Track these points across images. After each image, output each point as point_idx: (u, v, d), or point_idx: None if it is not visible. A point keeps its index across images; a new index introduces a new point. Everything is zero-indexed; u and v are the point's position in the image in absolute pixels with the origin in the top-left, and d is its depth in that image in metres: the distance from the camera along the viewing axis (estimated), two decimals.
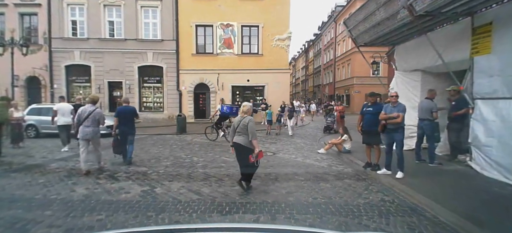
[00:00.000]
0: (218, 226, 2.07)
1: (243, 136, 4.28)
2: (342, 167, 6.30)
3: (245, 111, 4.44)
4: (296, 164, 6.45)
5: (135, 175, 5.33)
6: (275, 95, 17.21)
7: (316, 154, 7.75)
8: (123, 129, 6.16)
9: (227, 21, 17.30)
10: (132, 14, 16.80)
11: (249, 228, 1.51)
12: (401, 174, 5.19)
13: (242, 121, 4.32)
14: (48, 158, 6.92)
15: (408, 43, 8.15)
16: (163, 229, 1.55)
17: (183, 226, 2.00)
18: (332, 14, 38.81)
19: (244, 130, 4.25)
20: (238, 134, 4.35)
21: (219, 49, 17.44)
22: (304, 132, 13.52)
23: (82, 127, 5.36)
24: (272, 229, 1.39)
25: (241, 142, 4.28)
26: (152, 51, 17.13)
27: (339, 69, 35.78)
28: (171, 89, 17.42)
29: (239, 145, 4.30)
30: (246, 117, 4.36)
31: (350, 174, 5.68)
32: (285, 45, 17.50)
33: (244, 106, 4.53)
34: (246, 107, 4.50)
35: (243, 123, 4.30)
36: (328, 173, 5.68)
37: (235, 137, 4.38)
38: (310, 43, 54.16)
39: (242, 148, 4.29)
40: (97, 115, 5.48)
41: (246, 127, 4.24)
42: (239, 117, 4.48)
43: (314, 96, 47.76)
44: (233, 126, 4.53)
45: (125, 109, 6.39)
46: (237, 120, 4.45)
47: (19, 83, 16.07)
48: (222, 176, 5.31)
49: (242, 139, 4.29)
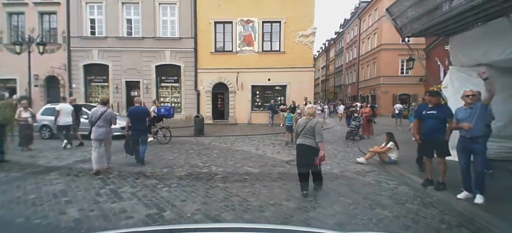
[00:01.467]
0: (218, 226, 2.04)
1: (309, 138, 4.25)
2: (394, 184, 5.07)
3: (310, 113, 4.41)
4: (335, 179, 5.30)
5: (142, 190, 4.42)
6: (297, 95, 15.98)
7: (354, 164, 6.55)
8: (135, 129, 6.18)
9: (247, 17, 16.34)
10: (150, 11, 16.27)
11: (249, 228, 1.47)
12: (481, 199, 3.92)
13: (309, 123, 4.29)
14: (51, 164, 6.23)
15: (469, 33, 6.72)
16: (163, 229, 1.54)
17: (183, 226, 1.90)
18: (356, 11, 36.90)
19: (310, 132, 4.23)
20: (303, 136, 4.29)
21: (239, 46, 16.51)
22: (331, 137, 12.05)
23: (94, 128, 5.44)
24: (272, 229, 1.38)
25: (308, 144, 4.23)
26: (169, 50, 16.50)
27: (363, 68, 33.85)
28: (189, 89, 16.71)
29: (306, 146, 4.24)
30: (313, 119, 4.35)
31: (409, 195, 4.45)
32: (309, 41, 16.26)
33: (309, 108, 4.52)
34: (312, 109, 4.50)
35: (309, 125, 4.26)
36: (379, 193, 4.49)
37: (300, 139, 4.33)
38: (331, 42, 52.27)
39: (308, 149, 4.24)
40: (108, 115, 5.55)
41: (313, 129, 4.22)
42: (305, 119, 4.42)
43: (335, 97, 45.85)
44: (297, 128, 4.49)
45: (137, 110, 6.30)
46: (302, 122, 4.40)
47: (38, 83, 16.03)
48: (247, 195, 4.28)
49: (308, 141, 4.24)
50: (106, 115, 5.49)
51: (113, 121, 5.67)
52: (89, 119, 5.61)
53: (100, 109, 5.53)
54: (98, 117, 5.43)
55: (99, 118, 5.42)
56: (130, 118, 6.21)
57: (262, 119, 16.18)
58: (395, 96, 28.15)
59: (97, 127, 5.41)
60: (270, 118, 15.46)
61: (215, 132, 12.63)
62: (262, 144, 9.49)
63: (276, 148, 8.64)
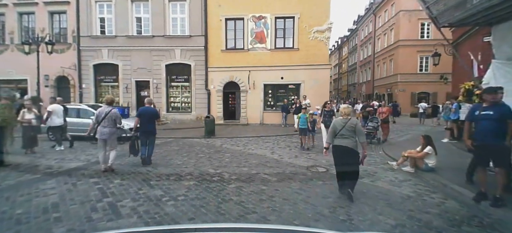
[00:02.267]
0: (218, 226, 2.01)
1: (349, 138, 4.06)
2: (439, 197, 4.28)
3: (347, 113, 4.19)
4: (368, 190, 4.55)
5: (145, 204, 3.82)
6: (312, 93, 15.20)
7: (383, 171, 5.76)
8: (144, 130, 6.11)
9: (259, 13, 15.66)
10: (159, 9, 15.85)
11: (249, 228, 1.47)
12: None
13: (348, 123, 4.09)
14: (51, 169, 5.75)
15: None
16: (163, 229, 1.52)
17: (183, 226, 1.82)
18: (371, 6, 35.57)
19: (350, 132, 4.06)
20: (342, 136, 4.09)
21: (251, 44, 15.84)
22: None
23: (99, 128, 5.48)
24: (272, 229, 1.37)
25: (348, 145, 4.03)
26: (179, 48, 16.03)
27: (379, 65, 32.54)
28: (200, 89, 16.19)
29: (346, 148, 4.03)
30: (352, 119, 4.16)
31: (462, 213, 3.68)
32: (325, 37, 15.42)
33: (345, 108, 4.29)
34: (349, 109, 4.27)
35: (349, 126, 4.07)
36: (425, 210, 3.73)
37: (338, 140, 4.12)
38: (344, 39, 50.88)
39: (349, 151, 4.02)
40: (113, 116, 5.55)
41: (353, 129, 4.06)
42: (343, 119, 4.19)
43: (349, 96, 44.53)
44: (333, 128, 4.23)
45: (147, 110, 6.24)
46: (340, 122, 4.17)
47: (49, 83, 15.89)
48: (266, 212, 3.61)
49: (348, 141, 4.05)
50: (111, 115, 5.50)
51: (118, 121, 5.66)
52: (94, 118, 5.67)
53: (105, 109, 5.57)
54: (103, 117, 5.48)
55: (104, 118, 5.47)
56: (139, 119, 6.13)
57: (275, 119, 15.48)
58: (414, 94, 26.87)
59: (102, 127, 5.46)
60: (284, 119, 14.76)
61: (227, 133, 12.04)
62: (277, 147, 8.80)
63: (293, 152, 7.93)
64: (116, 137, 5.71)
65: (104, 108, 5.64)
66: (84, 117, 10.17)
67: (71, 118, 10.25)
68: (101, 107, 5.94)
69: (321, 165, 6.17)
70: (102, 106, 5.97)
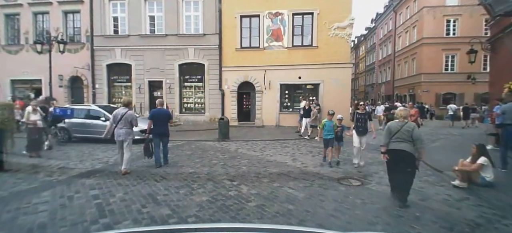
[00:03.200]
0: (218, 226, 2.01)
1: (406, 142, 3.84)
2: None
3: (404, 116, 4.06)
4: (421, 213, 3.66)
5: None
6: (332, 95, 14.28)
7: (432, 186, 4.83)
8: (157, 132, 6.08)
9: (276, 10, 14.88)
10: (173, 7, 15.38)
11: (249, 228, 1.45)
12: None
13: (405, 127, 3.91)
14: (50, 178, 5.19)
15: None
16: (163, 229, 1.50)
17: (183, 226, 1.70)
18: (391, 3, 33.98)
19: (407, 136, 3.84)
20: (398, 140, 3.89)
21: (266, 42, 15.08)
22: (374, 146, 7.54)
23: (116, 129, 5.53)
24: (272, 229, 1.36)
25: (405, 149, 3.80)
26: (193, 47, 15.49)
27: (400, 65, 30.94)
28: (213, 89, 15.59)
29: (404, 152, 3.80)
30: (408, 123, 4.01)
31: None
32: (346, 34, 14.42)
33: (402, 110, 4.16)
34: (405, 112, 4.16)
35: (406, 129, 3.88)
36: None
37: (395, 143, 3.90)
38: (361, 39, 49.18)
39: (407, 156, 3.79)
40: (129, 117, 5.60)
41: (410, 133, 3.84)
42: (399, 122, 4.03)
43: (366, 97, 42.89)
44: (388, 132, 4.04)
45: (160, 112, 6.19)
46: (396, 125, 4.00)
47: (63, 83, 15.75)
48: None
49: (405, 145, 3.83)
50: (126, 117, 5.54)
51: (134, 123, 5.69)
52: (111, 120, 5.68)
53: (121, 111, 5.62)
54: (119, 118, 5.52)
55: (121, 119, 5.51)
56: (152, 121, 6.06)
57: (291, 121, 14.61)
58: (438, 95, 25.24)
59: (118, 129, 5.50)
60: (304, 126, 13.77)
61: (242, 136, 11.33)
62: (298, 152, 7.97)
63: (317, 159, 7.07)
64: (131, 138, 5.70)
65: (120, 110, 5.68)
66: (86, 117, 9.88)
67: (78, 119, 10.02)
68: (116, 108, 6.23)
69: (353, 177, 5.31)
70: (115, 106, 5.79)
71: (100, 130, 9.85)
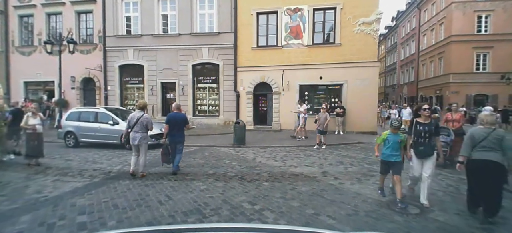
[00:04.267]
0: (218, 226, 2.00)
1: (493, 151, 3.28)
2: None
3: (491, 123, 3.45)
4: None
5: None
6: (357, 97, 13.07)
7: None
8: (172, 137, 5.89)
9: (295, 5, 13.85)
10: (186, 5, 14.69)
11: (249, 228, 1.43)
12: None
13: (492, 134, 3.35)
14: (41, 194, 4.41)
15: None
16: (163, 229, 1.48)
17: (183, 226, 1.75)
18: (414, 0, 32.09)
19: (495, 144, 3.29)
20: (485, 149, 3.32)
21: (285, 40, 14.07)
22: None
23: (131, 133, 5.53)
24: (272, 229, 1.34)
25: (494, 159, 3.24)
26: (207, 47, 14.72)
27: (425, 64, 29.03)
28: (228, 90, 14.73)
29: (494, 163, 3.23)
30: (497, 130, 3.44)
31: None
32: (373, 29, 13.19)
33: (488, 116, 3.51)
34: (492, 118, 3.53)
35: (494, 137, 3.33)
36: None
37: (479, 153, 3.35)
38: (380, 38, 47.16)
39: (495, 166, 3.23)
40: (144, 121, 5.57)
41: (499, 142, 3.29)
42: (485, 128, 3.43)
43: (386, 98, 40.89)
44: (471, 139, 3.45)
45: (176, 116, 5.98)
46: (481, 132, 3.41)
47: (75, 85, 15.39)
48: None
49: (493, 155, 3.27)
50: (142, 120, 5.52)
51: (149, 127, 5.66)
52: (126, 124, 5.69)
53: (136, 114, 5.60)
54: (135, 122, 5.50)
55: (136, 123, 5.48)
56: (168, 125, 5.84)
57: (312, 125, 13.49)
58: (469, 96, 23.25)
59: (134, 132, 5.50)
60: None
61: (259, 141, 10.37)
62: (326, 163, 6.88)
63: (350, 171, 5.98)
64: (147, 142, 5.67)
65: (135, 113, 5.65)
66: None
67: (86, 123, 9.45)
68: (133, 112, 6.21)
69: (405, 199, 4.14)
70: None
71: (108, 135, 9.23)
